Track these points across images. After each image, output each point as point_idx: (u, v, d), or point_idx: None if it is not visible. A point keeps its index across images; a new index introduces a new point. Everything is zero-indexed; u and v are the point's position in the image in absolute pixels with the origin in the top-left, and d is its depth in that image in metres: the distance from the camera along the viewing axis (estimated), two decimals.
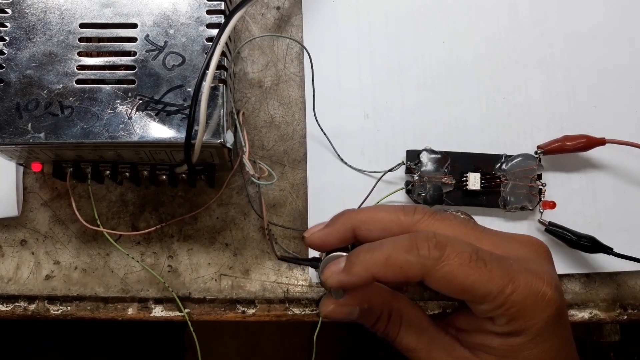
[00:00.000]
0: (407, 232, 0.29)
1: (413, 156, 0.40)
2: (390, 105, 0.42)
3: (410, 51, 0.43)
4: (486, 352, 0.29)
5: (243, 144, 0.37)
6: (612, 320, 0.41)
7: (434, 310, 0.40)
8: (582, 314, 0.41)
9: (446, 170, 0.39)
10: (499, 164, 0.40)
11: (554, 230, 0.39)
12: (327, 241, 0.31)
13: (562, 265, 0.40)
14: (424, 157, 0.39)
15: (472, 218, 0.33)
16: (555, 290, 0.28)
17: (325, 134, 0.41)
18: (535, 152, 0.40)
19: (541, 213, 0.40)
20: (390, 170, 0.40)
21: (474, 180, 0.39)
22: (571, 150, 0.39)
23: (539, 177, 0.40)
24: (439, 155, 0.39)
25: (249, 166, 0.35)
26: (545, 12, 0.43)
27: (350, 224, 0.30)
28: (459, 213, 0.35)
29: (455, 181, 0.39)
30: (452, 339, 0.31)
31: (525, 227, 0.40)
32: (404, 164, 0.40)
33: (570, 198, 0.41)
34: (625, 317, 0.41)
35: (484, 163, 0.40)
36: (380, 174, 0.40)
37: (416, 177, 0.39)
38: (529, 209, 0.39)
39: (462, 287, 0.27)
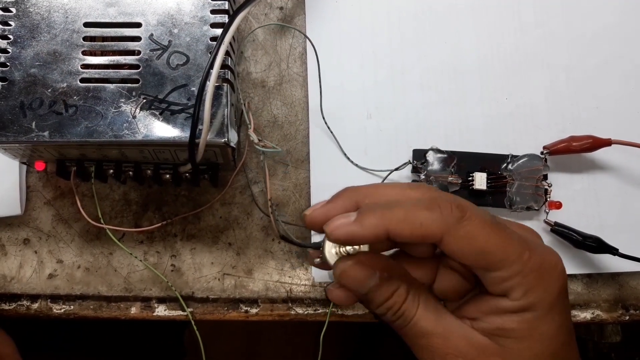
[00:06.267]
0: None
1: (419, 155, 0.40)
2: (393, 106, 0.42)
3: (413, 52, 0.42)
4: (505, 335, 0.27)
5: (248, 122, 0.37)
6: (614, 320, 0.41)
7: None
8: (585, 315, 0.41)
9: (452, 170, 0.39)
10: (505, 164, 0.40)
11: (559, 230, 0.39)
12: (330, 216, 0.28)
13: (566, 265, 0.39)
14: (431, 157, 0.39)
15: None
16: (563, 265, 0.28)
17: (330, 130, 0.41)
18: (542, 153, 0.40)
19: (547, 213, 0.40)
20: (396, 169, 0.40)
21: (480, 180, 0.39)
22: (577, 150, 0.39)
23: (545, 177, 0.40)
24: (445, 155, 0.40)
25: (253, 137, 0.35)
26: (549, 14, 0.43)
27: (355, 198, 0.28)
28: None
29: (461, 181, 0.39)
30: (469, 327, 0.28)
31: (531, 227, 0.40)
32: (411, 163, 0.40)
33: (574, 198, 0.41)
34: (627, 317, 0.41)
35: (490, 163, 0.40)
36: (385, 173, 0.40)
37: (422, 177, 0.39)
38: (535, 209, 0.39)
39: (481, 249, 0.26)
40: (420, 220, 0.26)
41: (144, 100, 0.33)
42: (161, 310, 0.40)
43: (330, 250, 0.28)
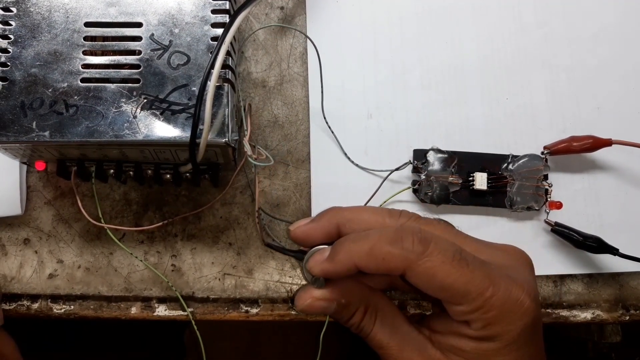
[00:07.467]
0: None
1: (420, 155, 0.40)
2: (394, 106, 0.42)
3: (413, 52, 0.42)
4: (457, 354, 0.29)
5: (245, 128, 0.37)
6: (615, 321, 0.41)
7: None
8: (585, 315, 0.41)
9: (453, 170, 0.39)
10: (506, 164, 0.40)
11: (560, 230, 0.39)
12: (311, 235, 0.31)
13: (566, 265, 0.40)
14: (431, 157, 0.39)
15: (455, 227, 0.34)
16: (534, 300, 0.28)
17: (331, 129, 0.41)
18: (542, 153, 0.40)
19: (547, 213, 0.40)
20: (397, 169, 0.40)
21: (480, 180, 0.39)
22: (578, 151, 0.39)
23: (545, 177, 0.40)
24: (445, 155, 0.40)
25: (247, 147, 0.35)
26: (549, 14, 0.43)
27: (336, 221, 0.30)
28: (441, 221, 0.35)
29: (462, 181, 0.39)
30: (425, 339, 0.31)
31: (530, 227, 0.40)
32: (411, 163, 0.40)
33: (574, 198, 0.41)
34: (627, 317, 0.41)
35: (491, 163, 0.40)
36: (386, 173, 0.40)
37: (423, 177, 0.39)
38: (535, 209, 0.39)
39: (442, 285, 0.27)
40: (382, 255, 0.27)
41: (145, 100, 0.33)
42: (162, 310, 0.40)
43: (308, 272, 0.31)
